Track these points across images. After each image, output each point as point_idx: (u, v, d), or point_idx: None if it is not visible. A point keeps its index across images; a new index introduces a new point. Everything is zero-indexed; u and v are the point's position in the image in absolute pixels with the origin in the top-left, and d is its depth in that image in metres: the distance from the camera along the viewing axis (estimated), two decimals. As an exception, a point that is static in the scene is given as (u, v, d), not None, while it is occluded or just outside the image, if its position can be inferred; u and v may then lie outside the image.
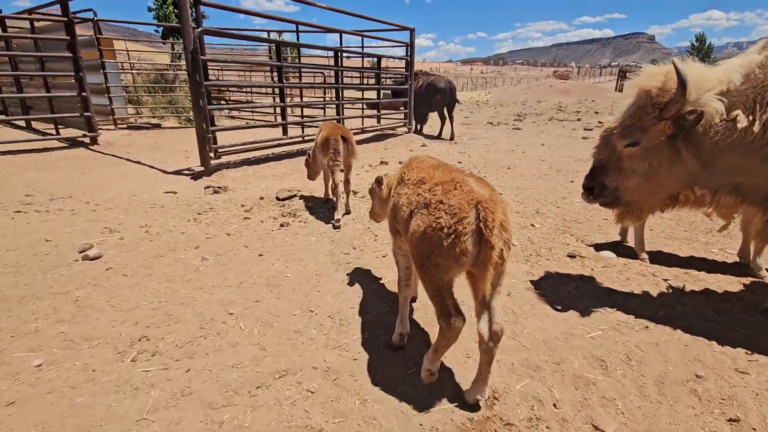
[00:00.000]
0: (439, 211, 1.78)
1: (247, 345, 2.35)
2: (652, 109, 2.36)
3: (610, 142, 2.59)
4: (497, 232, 1.68)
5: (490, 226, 1.66)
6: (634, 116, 2.44)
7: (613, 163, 2.60)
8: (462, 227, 1.69)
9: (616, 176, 2.60)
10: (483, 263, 1.69)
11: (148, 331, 2.44)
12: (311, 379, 2.08)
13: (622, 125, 2.50)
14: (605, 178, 2.65)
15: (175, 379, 2.07)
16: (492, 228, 1.66)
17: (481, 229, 1.67)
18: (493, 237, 1.65)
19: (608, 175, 2.63)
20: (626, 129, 2.48)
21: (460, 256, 1.71)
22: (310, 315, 2.65)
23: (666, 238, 3.97)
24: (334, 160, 4.13)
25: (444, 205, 1.78)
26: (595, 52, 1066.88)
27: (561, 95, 29.98)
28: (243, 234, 3.95)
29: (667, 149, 2.41)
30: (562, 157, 8.08)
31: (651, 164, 2.47)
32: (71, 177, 5.86)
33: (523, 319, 2.62)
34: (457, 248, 1.70)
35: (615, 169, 2.60)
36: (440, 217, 1.76)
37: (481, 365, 1.88)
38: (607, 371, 2.16)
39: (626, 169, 2.55)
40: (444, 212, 1.76)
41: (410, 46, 10.05)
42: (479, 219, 1.68)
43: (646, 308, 2.74)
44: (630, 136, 2.46)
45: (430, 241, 1.79)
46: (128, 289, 2.92)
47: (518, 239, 3.85)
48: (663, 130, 2.35)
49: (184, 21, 5.16)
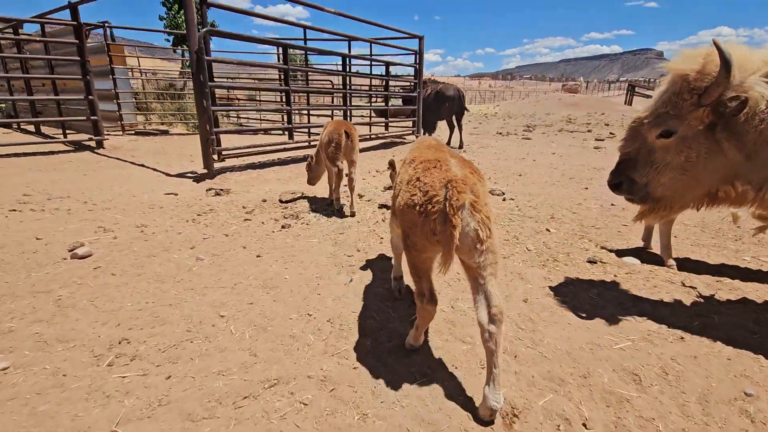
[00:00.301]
0: (414, 189, 1.81)
1: (237, 350, 2.12)
2: (689, 95, 2.12)
3: (639, 133, 2.36)
4: (466, 213, 1.68)
5: (454, 206, 1.65)
6: (668, 104, 2.20)
7: (643, 156, 2.35)
8: (431, 206, 1.71)
9: (647, 171, 2.35)
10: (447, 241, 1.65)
11: (130, 334, 2.24)
12: (305, 390, 1.84)
13: (654, 114, 2.26)
14: (634, 173, 2.40)
15: (153, 386, 1.85)
16: (456, 207, 1.65)
17: (446, 209, 1.66)
18: (455, 217, 1.64)
19: (638, 169, 2.38)
20: (659, 118, 2.24)
21: (430, 234, 1.72)
22: (308, 319, 2.42)
23: (692, 245, 3.70)
24: (335, 153, 4.13)
25: (420, 183, 1.80)
26: (604, 68, 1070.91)
27: (570, 108, 29.79)
28: (242, 235, 3.76)
29: (706, 140, 2.17)
30: (574, 166, 7.83)
31: (687, 157, 2.23)
32: (72, 178, 5.76)
33: (542, 327, 2.37)
34: (428, 226, 1.72)
35: (646, 163, 2.35)
36: (414, 195, 1.79)
37: (489, 364, 1.72)
38: (641, 387, 1.89)
39: (659, 162, 2.31)
40: (418, 189, 1.78)
41: (419, 54, 9.98)
42: (446, 199, 1.68)
43: (679, 317, 2.48)
44: (663, 125, 2.22)
45: (406, 217, 1.85)
46: (115, 288, 2.73)
47: (533, 244, 3.60)
48: (701, 118, 2.12)
49: (189, 20, 5.09)
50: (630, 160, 2.41)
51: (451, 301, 2.64)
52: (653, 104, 2.29)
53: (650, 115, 2.29)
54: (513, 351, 2.15)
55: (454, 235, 1.64)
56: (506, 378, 1.94)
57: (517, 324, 2.40)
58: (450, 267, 1.68)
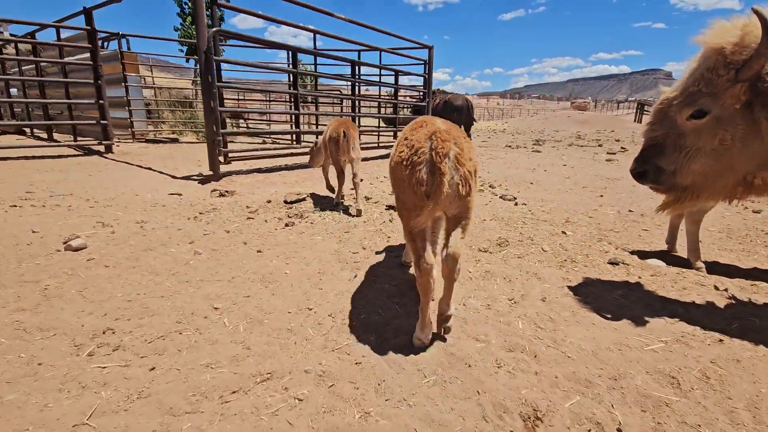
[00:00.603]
0: (402, 146, 1.92)
1: (229, 343, 1.94)
2: (725, 70, 1.93)
3: (667, 115, 2.14)
4: (451, 163, 1.79)
5: (440, 153, 1.76)
6: (700, 81, 2.01)
7: (671, 140, 2.14)
8: (417, 157, 1.81)
9: (675, 157, 2.13)
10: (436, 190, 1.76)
11: (115, 324, 2.07)
12: (301, 385, 1.65)
13: (684, 93, 2.05)
14: (662, 159, 2.18)
15: (134, 378, 1.68)
16: (442, 155, 1.76)
17: (432, 158, 1.76)
18: (443, 164, 1.75)
19: (666, 155, 2.16)
20: (691, 97, 2.03)
21: (417, 186, 1.78)
22: (308, 313, 2.24)
23: (720, 250, 3.46)
24: (336, 152, 4.29)
25: (407, 141, 1.90)
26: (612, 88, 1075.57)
27: (579, 125, 29.70)
28: (243, 232, 3.61)
29: (743, 120, 1.97)
30: (587, 176, 7.63)
31: (722, 139, 2.02)
32: (77, 178, 5.70)
33: (563, 326, 2.16)
34: (414, 178, 1.79)
35: (674, 149, 2.13)
36: (402, 151, 1.89)
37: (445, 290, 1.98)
38: (681, 390, 1.67)
39: (689, 147, 2.09)
40: (405, 146, 1.89)
41: (428, 63, 9.97)
42: (431, 149, 1.79)
43: (714, 320, 2.25)
44: (695, 104, 2.02)
45: (395, 176, 1.95)
46: (106, 280, 2.58)
47: (549, 245, 3.40)
48: (737, 96, 1.93)
49: (199, 20, 5.09)
50: (657, 146, 2.19)
51: (463, 299, 2.45)
52: (682, 83, 2.10)
53: (680, 95, 2.08)
54: (532, 350, 1.94)
55: (443, 182, 1.75)
56: (526, 378, 1.74)
57: (535, 323, 2.19)
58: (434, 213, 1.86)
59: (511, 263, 3.02)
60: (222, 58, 5.36)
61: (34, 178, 5.60)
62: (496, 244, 3.39)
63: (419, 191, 1.78)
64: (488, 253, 3.21)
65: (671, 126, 2.15)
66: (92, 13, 7.21)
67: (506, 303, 2.42)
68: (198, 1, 5.03)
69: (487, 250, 3.27)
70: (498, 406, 1.57)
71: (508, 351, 1.95)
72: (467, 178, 1.83)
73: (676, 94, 2.11)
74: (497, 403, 1.58)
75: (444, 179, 1.74)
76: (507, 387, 1.68)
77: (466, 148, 1.86)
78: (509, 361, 1.86)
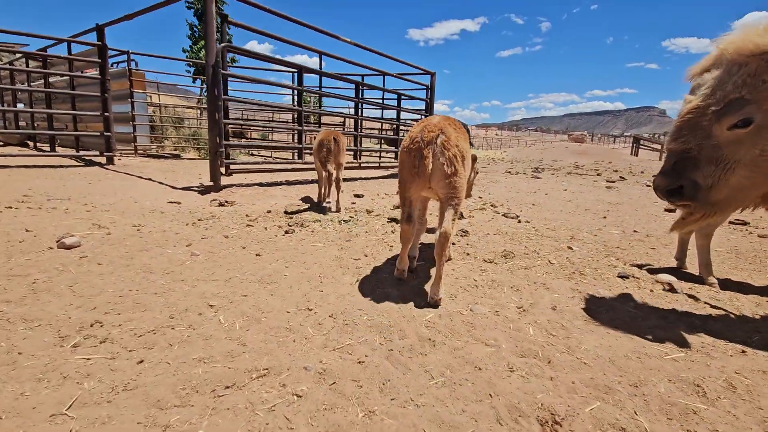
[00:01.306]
0: (405, 138, 2.41)
1: (223, 339, 1.83)
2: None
3: (699, 125, 1.96)
4: (437, 150, 2.20)
5: (424, 140, 2.22)
6: (742, 87, 1.85)
7: (707, 152, 1.95)
8: (412, 144, 2.27)
9: (711, 170, 1.96)
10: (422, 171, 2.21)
11: (105, 317, 1.96)
12: (300, 382, 1.54)
13: (723, 100, 1.89)
14: (697, 174, 1.99)
15: (120, 370, 1.56)
16: (425, 142, 2.21)
17: (420, 144, 2.23)
18: (426, 149, 2.20)
19: (700, 169, 1.98)
20: (733, 105, 1.86)
21: (412, 168, 2.25)
22: (308, 313, 2.13)
23: (730, 268, 3.39)
24: (326, 157, 4.71)
25: (408, 133, 2.40)
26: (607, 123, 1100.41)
27: (577, 156, 30.09)
28: (242, 237, 3.52)
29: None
30: (589, 200, 7.62)
31: (763, 150, 1.89)
32: (76, 185, 5.65)
33: (577, 334, 2.05)
34: (410, 162, 2.26)
35: (710, 161, 1.96)
36: (404, 141, 2.39)
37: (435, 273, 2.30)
38: (707, 399, 1.56)
39: (728, 159, 1.93)
40: (407, 137, 2.39)
41: (431, 89, 10.17)
42: (421, 138, 2.24)
43: (734, 332, 2.15)
44: (740, 112, 1.85)
45: (401, 159, 2.39)
46: (98, 276, 2.48)
47: (556, 259, 3.32)
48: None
49: (209, 35, 5.19)
50: (691, 159, 1.99)
51: (469, 305, 2.34)
52: (713, 90, 1.93)
53: (717, 102, 1.90)
54: (545, 356, 1.83)
55: (426, 165, 2.19)
56: (540, 383, 1.62)
57: (547, 330, 2.08)
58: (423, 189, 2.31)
59: (517, 274, 2.93)
60: (229, 72, 5.43)
61: (32, 183, 5.54)
62: (501, 256, 3.31)
63: (414, 172, 2.24)
64: (494, 264, 3.12)
65: (705, 136, 1.97)
66: (104, 29, 7.37)
67: (515, 310, 2.32)
68: (208, 17, 5.14)
69: (492, 261, 3.18)
70: (513, 409, 1.45)
71: (520, 356, 1.84)
72: (452, 161, 2.19)
73: (710, 102, 1.94)
74: (512, 407, 1.46)
75: (427, 161, 2.18)
76: (521, 391, 1.56)
77: (453, 137, 2.23)
78: (522, 365, 1.75)
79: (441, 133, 2.22)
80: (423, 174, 2.20)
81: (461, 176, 2.22)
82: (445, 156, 2.18)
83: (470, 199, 6.77)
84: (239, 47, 5.79)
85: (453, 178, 2.19)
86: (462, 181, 2.24)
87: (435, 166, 2.19)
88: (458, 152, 2.20)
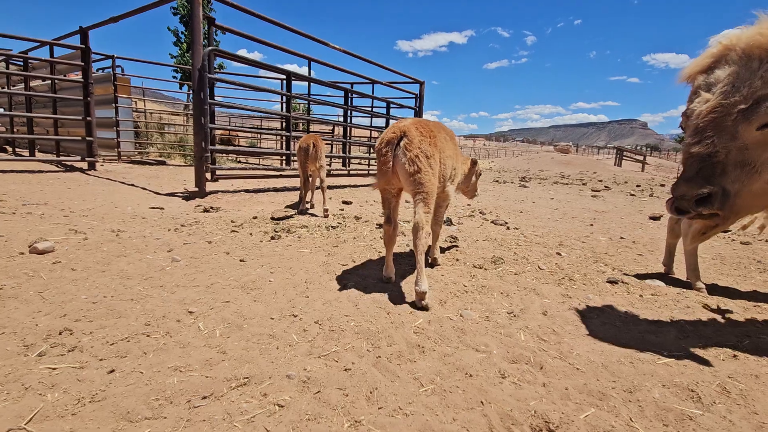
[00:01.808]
0: None
1: (202, 347, 1.73)
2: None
3: (724, 125, 1.77)
4: (400, 151, 2.41)
5: (383, 141, 2.49)
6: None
7: (734, 156, 1.78)
8: (380, 146, 2.50)
9: (738, 175, 1.80)
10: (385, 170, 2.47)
11: (75, 325, 1.85)
12: (282, 391, 1.45)
13: (750, 97, 1.71)
14: (725, 179, 1.81)
15: (88, 380, 1.45)
16: (384, 143, 2.47)
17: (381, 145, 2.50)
18: (384, 149, 2.46)
19: (728, 174, 1.81)
20: (762, 102, 1.68)
21: (382, 166, 2.48)
22: (292, 320, 2.05)
23: (717, 274, 3.41)
24: (304, 158, 4.93)
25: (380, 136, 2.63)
26: (591, 135, 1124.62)
27: (563, 166, 30.57)
28: (226, 243, 3.42)
29: None
30: (575, 208, 7.69)
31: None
32: (54, 190, 5.46)
33: (569, 339, 2.01)
34: (380, 161, 2.50)
35: (737, 165, 1.79)
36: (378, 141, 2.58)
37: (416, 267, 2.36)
38: (702, 405, 1.52)
39: (754, 162, 1.78)
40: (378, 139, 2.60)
41: (419, 98, 10.22)
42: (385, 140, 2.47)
43: (725, 337, 2.13)
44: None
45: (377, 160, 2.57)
46: (71, 282, 2.35)
47: (545, 264, 3.30)
48: None
49: (195, 38, 5.11)
50: (718, 163, 1.79)
51: (459, 310, 2.29)
52: (738, 87, 1.75)
53: (745, 99, 1.72)
54: (537, 362, 1.78)
55: (383, 162, 2.45)
56: (533, 389, 1.57)
57: (538, 335, 2.04)
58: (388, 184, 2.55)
59: (507, 279, 2.89)
60: (215, 76, 5.35)
61: (8, 188, 5.34)
62: (491, 262, 3.27)
63: (383, 169, 2.46)
64: (483, 270, 3.08)
65: (732, 137, 1.78)
66: (88, 32, 7.23)
67: (505, 316, 2.27)
68: (195, 20, 5.08)
69: (482, 267, 3.14)
70: (505, 417, 1.39)
71: (512, 362, 1.78)
72: (414, 160, 2.37)
73: (735, 99, 1.75)
74: (504, 414, 1.40)
75: (386, 159, 2.43)
76: (514, 398, 1.50)
77: (416, 139, 2.40)
78: (514, 372, 1.69)
79: (404, 135, 2.42)
80: (388, 172, 2.43)
81: (425, 173, 2.39)
82: (407, 156, 2.37)
83: (459, 207, 6.77)
84: (226, 51, 5.73)
85: (417, 175, 2.37)
86: (426, 178, 2.39)
87: (398, 165, 2.41)
88: (420, 152, 2.38)
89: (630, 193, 10.81)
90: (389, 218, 2.62)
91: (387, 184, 2.54)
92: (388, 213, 2.62)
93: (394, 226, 2.62)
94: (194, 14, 5.09)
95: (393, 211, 2.64)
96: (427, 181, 2.41)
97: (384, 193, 2.62)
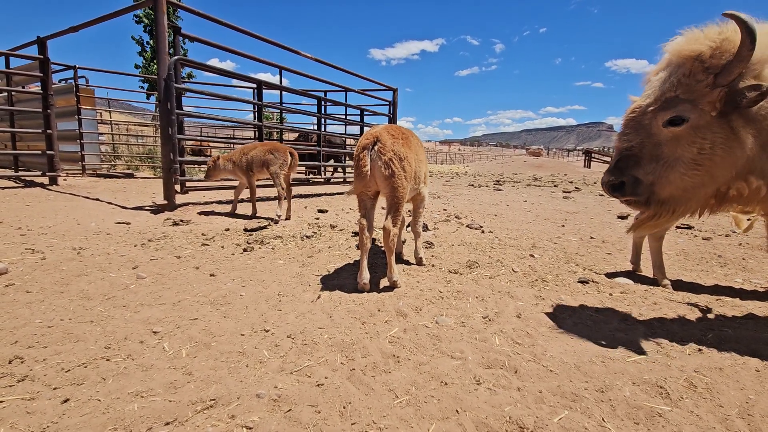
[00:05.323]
0: None
1: (166, 368, 1.65)
2: (703, 75, 1.85)
3: (641, 124, 2.02)
4: (375, 155, 2.54)
5: (359, 147, 2.61)
6: (677, 86, 1.91)
7: (648, 150, 2.02)
8: (357, 151, 2.60)
9: (652, 167, 2.02)
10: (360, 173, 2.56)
11: (27, 352, 1.73)
12: (251, 411, 1.39)
13: (660, 99, 1.95)
14: (638, 170, 2.04)
15: (39, 412, 1.35)
16: (360, 148, 2.59)
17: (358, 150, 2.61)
18: (362, 153, 2.55)
19: (642, 166, 2.04)
20: (668, 103, 1.92)
21: (359, 170, 2.56)
22: (264, 335, 1.99)
23: (681, 269, 3.54)
24: (287, 171, 5.11)
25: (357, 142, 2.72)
26: (561, 138, 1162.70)
27: (535, 169, 31.37)
28: (196, 257, 3.31)
29: (720, 128, 1.93)
30: (548, 210, 7.87)
31: (701, 148, 1.95)
32: (11, 207, 5.17)
33: (542, 341, 2.03)
34: (356, 167, 2.59)
35: (651, 159, 2.02)
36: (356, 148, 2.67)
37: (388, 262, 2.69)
38: (671, 400, 1.55)
39: (667, 156, 1.99)
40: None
41: (393, 104, 10.29)
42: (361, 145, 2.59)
43: (690, 331, 2.20)
44: (673, 110, 1.92)
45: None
46: (25, 306, 2.21)
47: (519, 267, 3.34)
48: (715, 101, 1.88)
49: (160, 48, 4.98)
50: (633, 156, 2.05)
51: (434, 317, 2.27)
52: (655, 90, 2.00)
53: (655, 101, 1.96)
54: (512, 366, 1.78)
55: (360, 166, 2.54)
56: (508, 395, 1.57)
57: (512, 339, 2.05)
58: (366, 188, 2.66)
59: (482, 283, 2.90)
60: (182, 86, 5.22)
61: (-42, 207, 5.02)
62: (466, 266, 3.28)
63: (360, 174, 2.54)
64: (459, 275, 3.09)
65: (647, 134, 2.03)
66: (46, 42, 6.94)
67: (480, 320, 2.27)
68: (160, 29, 4.95)
69: (457, 272, 3.15)
70: (480, 425, 1.38)
71: (487, 368, 1.78)
72: (388, 164, 2.49)
73: (649, 101, 2.00)
74: (480, 422, 1.39)
75: (362, 163, 2.52)
76: (489, 404, 1.49)
77: (389, 144, 2.53)
78: (489, 377, 1.69)
79: (377, 140, 2.54)
80: (366, 176, 2.53)
81: (399, 177, 2.52)
82: (382, 159, 2.50)
83: (435, 212, 6.80)
84: (193, 60, 5.59)
85: (392, 179, 2.51)
86: (400, 182, 2.54)
87: (374, 168, 2.53)
88: (394, 156, 2.51)
89: (599, 194, 11.16)
90: (365, 223, 2.65)
91: (364, 187, 2.63)
92: (364, 216, 2.69)
93: (369, 229, 2.69)
94: (159, 23, 4.97)
95: (369, 214, 2.72)
96: (400, 185, 2.55)
97: (361, 197, 2.71)
